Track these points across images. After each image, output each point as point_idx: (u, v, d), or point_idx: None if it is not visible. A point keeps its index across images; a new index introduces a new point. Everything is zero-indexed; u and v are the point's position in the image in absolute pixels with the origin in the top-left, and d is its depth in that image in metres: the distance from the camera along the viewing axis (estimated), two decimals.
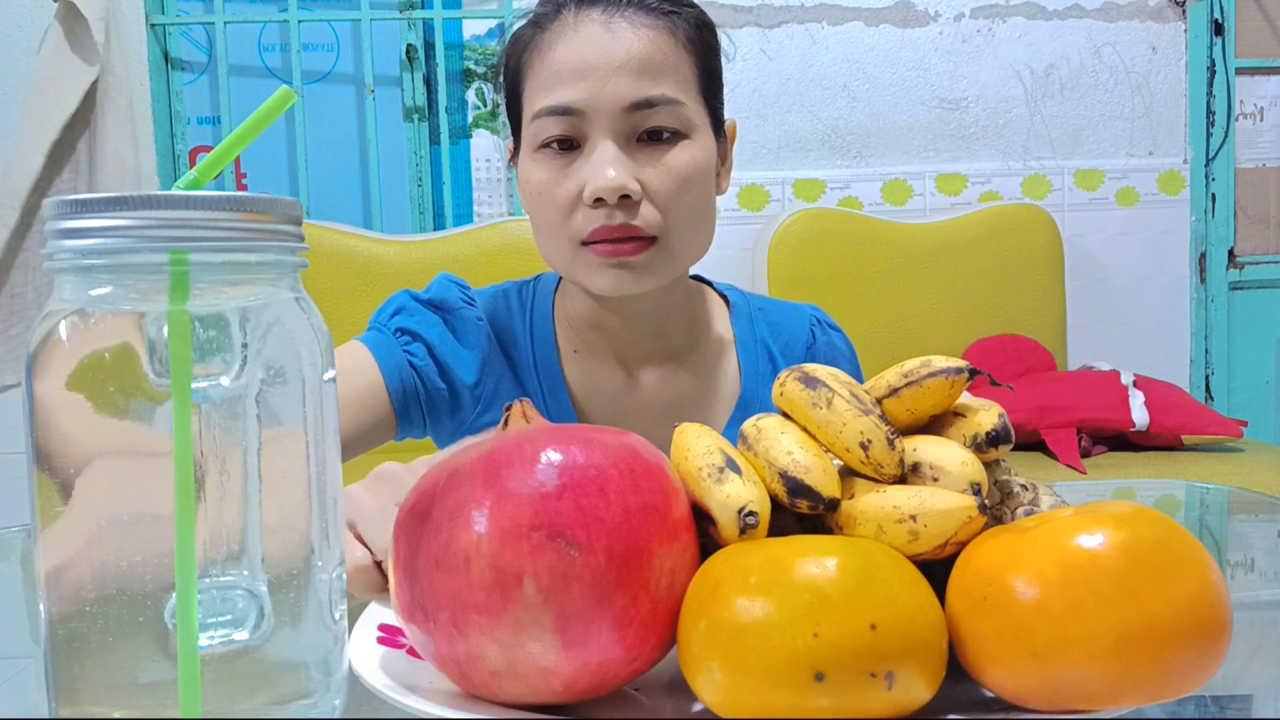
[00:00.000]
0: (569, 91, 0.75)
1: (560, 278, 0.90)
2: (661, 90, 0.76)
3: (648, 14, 0.77)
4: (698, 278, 0.92)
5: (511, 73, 0.82)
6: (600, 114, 0.75)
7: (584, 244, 0.77)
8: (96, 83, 2.06)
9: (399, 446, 1.71)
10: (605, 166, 0.74)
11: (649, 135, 0.77)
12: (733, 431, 0.86)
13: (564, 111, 0.75)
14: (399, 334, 0.84)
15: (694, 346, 0.88)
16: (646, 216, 0.76)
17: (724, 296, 0.94)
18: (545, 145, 0.77)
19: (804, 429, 0.45)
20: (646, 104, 0.75)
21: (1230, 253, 2.43)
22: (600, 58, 0.75)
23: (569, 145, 0.77)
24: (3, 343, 2.11)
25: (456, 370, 0.84)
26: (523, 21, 0.82)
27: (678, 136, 0.77)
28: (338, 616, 0.38)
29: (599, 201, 0.75)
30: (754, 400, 0.89)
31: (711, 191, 0.82)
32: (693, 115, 0.78)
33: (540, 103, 0.77)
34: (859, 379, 0.61)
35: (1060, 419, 1.89)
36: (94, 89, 2.06)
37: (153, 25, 2.23)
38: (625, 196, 0.75)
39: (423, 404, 0.83)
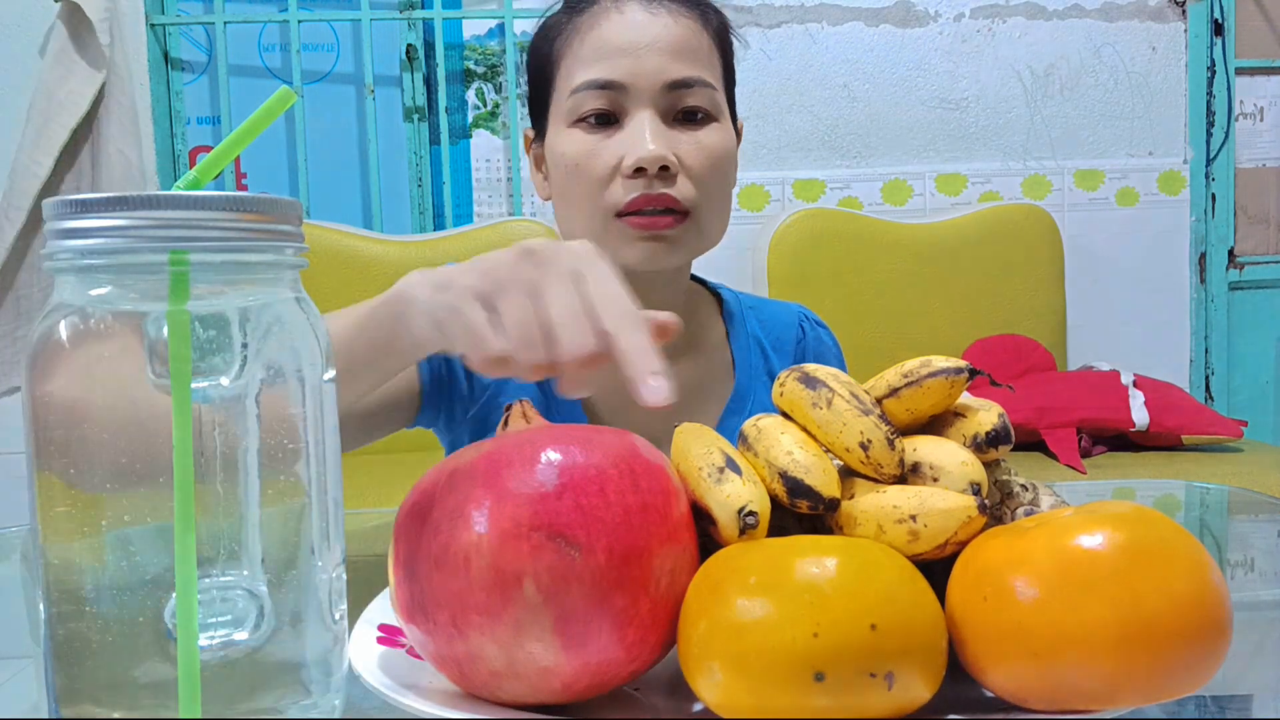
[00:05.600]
0: (612, 67, 0.78)
1: None
2: (698, 73, 0.80)
3: (684, 5, 0.81)
4: (693, 276, 0.93)
5: (541, 57, 0.84)
6: (641, 90, 0.78)
7: (618, 216, 0.78)
8: (104, 86, 2.06)
9: (399, 445, 1.70)
10: (646, 138, 0.77)
11: (684, 114, 0.80)
12: (727, 425, 0.87)
13: (606, 86, 0.78)
14: None
15: (691, 341, 0.90)
16: (682, 190, 0.78)
17: (716, 294, 0.96)
18: (582, 119, 0.79)
19: (804, 429, 0.45)
20: (685, 84, 0.79)
21: (1230, 253, 2.43)
22: (644, 37, 0.78)
23: (607, 120, 0.79)
24: (9, 345, 2.10)
25: None
26: (553, 10, 0.85)
27: (709, 118, 0.81)
28: (338, 616, 0.38)
29: (639, 172, 0.77)
30: (747, 394, 0.90)
31: (734, 178, 0.85)
32: (721, 102, 0.82)
33: (581, 77, 0.79)
34: None
35: (1060, 419, 1.89)
36: (101, 92, 2.07)
37: (153, 25, 2.23)
38: (664, 169, 0.77)
39: (445, 388, 0.84)
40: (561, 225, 0.84)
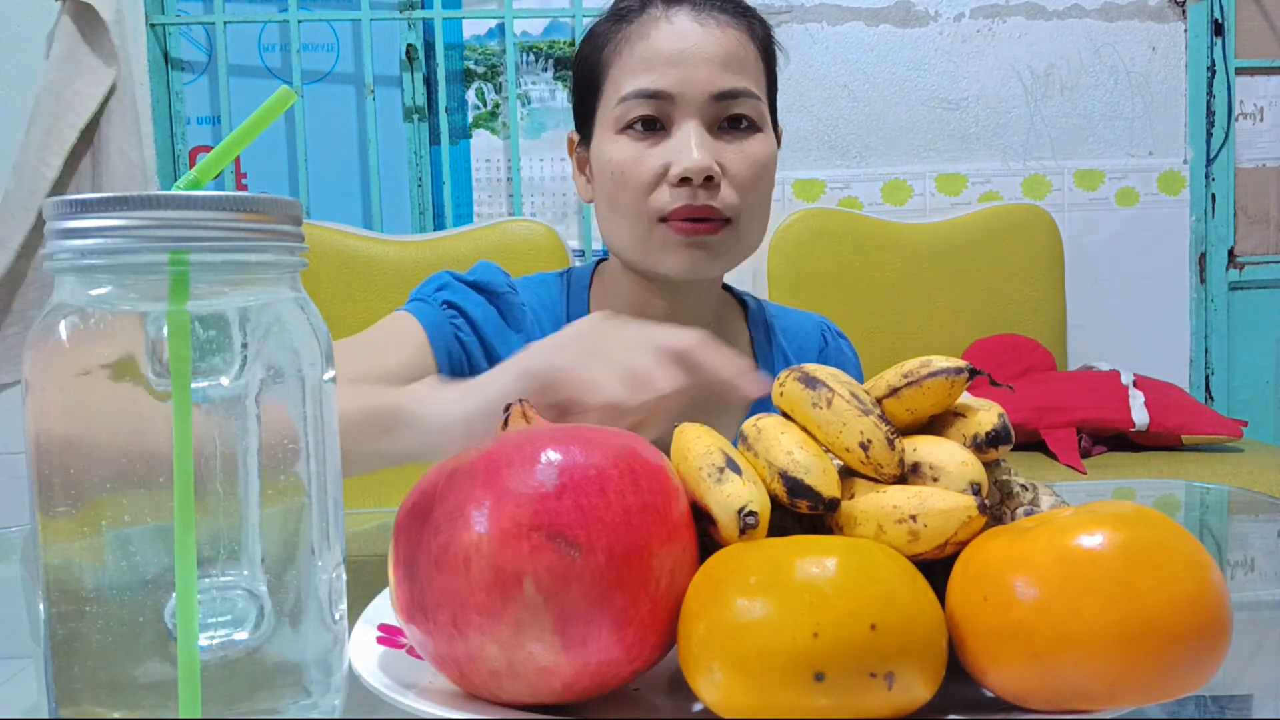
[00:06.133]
0: (661, 77, 0.79)
1: (593, 271, 0.92)
2: (745, 84, 0.81)
3: (732, 16, 0.82)
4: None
5: (589, 65, 0.85)
6: (689, 99, 0.79)
7: (661, 221, 0.80)
8: (114, 84, 2.06)
9: None
10: (692, 148, 0.78)
11: (729, 123, 0.81)
12: None
13: (655, 95, 0.79)
14: (446, 307, 0.84)
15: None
16: (725, 198, 0.80)
17: (741, 301, 0.97)
18: (629, 126, 0.80)
19: (804, 429, 0.45)
20: (731, 94, 0.80)
21: (1230, 253, 2.43)
22: (693, 48, 0.80)
23: (653, 127, 0.80)
24: (1, 341, 2.10)
25: (502, 351, 0.85)
26: (601, 19, 0.87)
27: (754, 128, 0.82)
28: (338, 616, 0.38)
29: (684, 181, 0.78)
30: (768, 401, 0.90)
31: (773, 186, 0.86)
32: (765, 111, 0.83)
33: (630, 86, 0.80)
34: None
35: (1060, 419, 1.89)
36: (111, 90, 2.06)
37: (153, 25, 2.23)
38: (709, 178, 0.78)
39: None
40: (604, 228, 0.85)
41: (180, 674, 0.31)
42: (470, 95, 2.35)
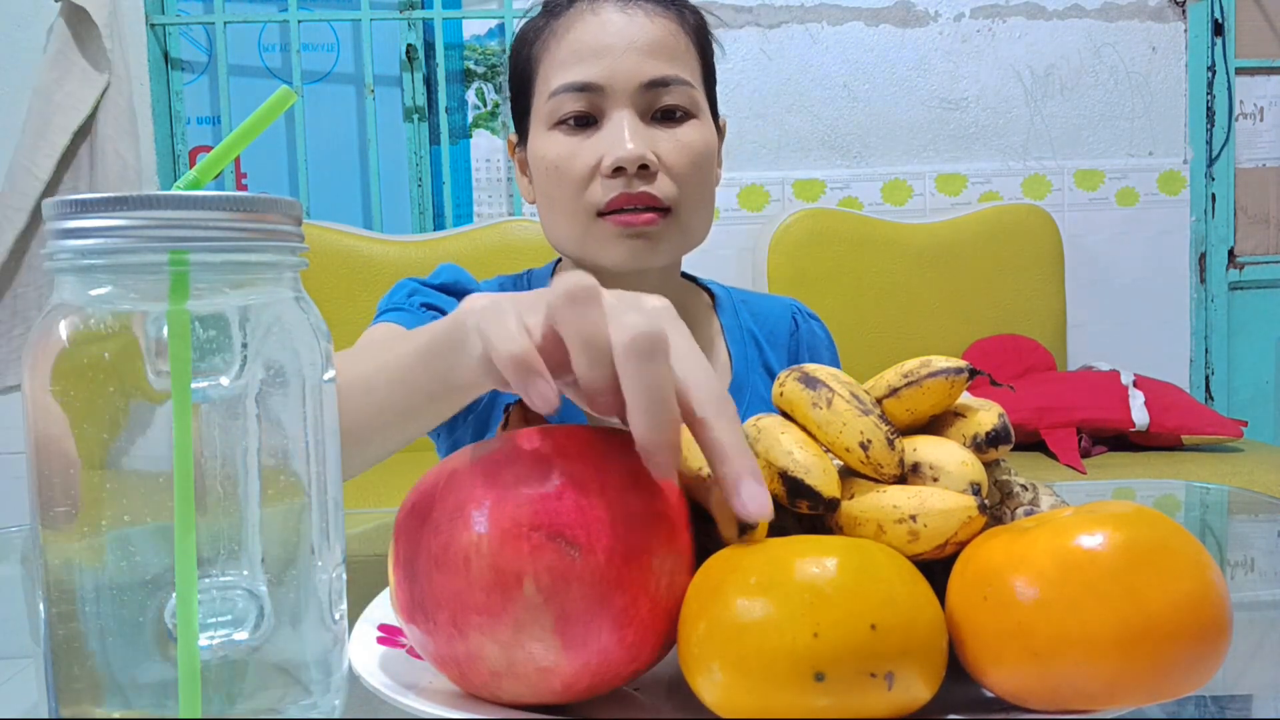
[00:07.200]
0: (589, 69, 0.78)
1: (553, 270, 0.90)
2: (675, 71, 0.80)
3: (660, 4, 0.81)
4: (684, 275, 0.94)
5: (521, 61, 0.85)
6: (618, 90, 0.78)
7: (600, 215, 0.79)
8: (106, 89, 2.07)
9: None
10: (625, 138, 0.77)
11: (663, 113, 0.80)
12: None
13: (583, 88, 0.78)
14: (425, 309, 0.84)
15: None
16: (663, 187, 0.79)
17: (708, 291, 0.96)
18: (562, 121, 0.80)
19: (804, 429, 0.45)
20: (662, 82, 0.79)
21: (1230, 253, 2.43)
22: (619, 38, 0.79)
23: (585, 121, 0.79)
24: (5, 343, 2.11)
25: None
26: (532, 14, 0.86)
27: (688, 116, 0.81)
28: (338, 616, 0.38)
29: (618, 171, 0.77)
30: (745, 386, 0.90)
31: (714, 175, 0.85)
32: (700, 99, 0.82)
33: (559, 80, 0.79)
34: (838, 368, 0.62)
35: (1060, 419, 1.89)
36: (103, 95, 2.07)
37: (153, 25, 2.23)
38: (644, 167, 0.77)
39: None
40: (546, 228, 0.84)
41: (180, 674, 0.31)
42: (470, 95, 2.35)
